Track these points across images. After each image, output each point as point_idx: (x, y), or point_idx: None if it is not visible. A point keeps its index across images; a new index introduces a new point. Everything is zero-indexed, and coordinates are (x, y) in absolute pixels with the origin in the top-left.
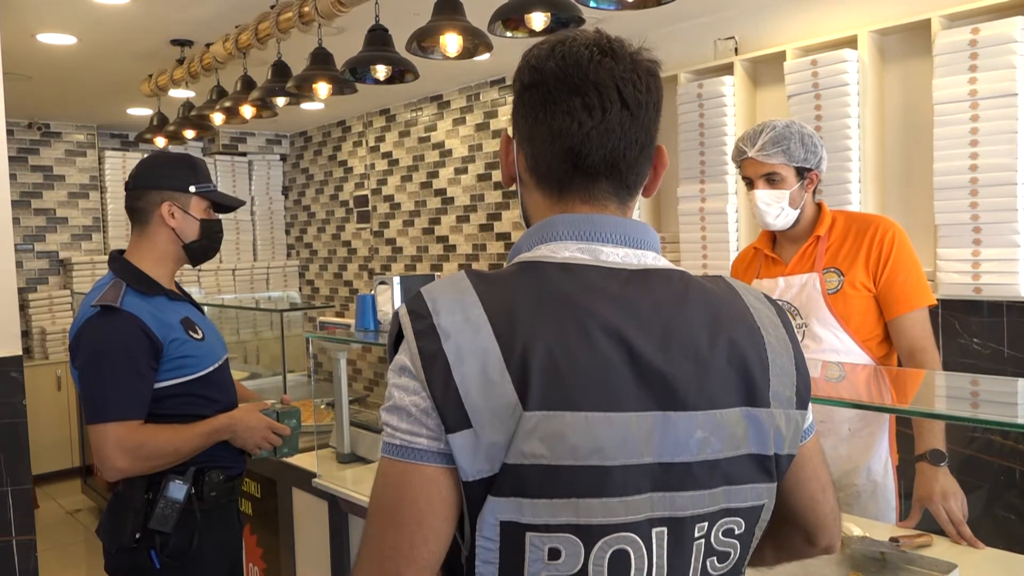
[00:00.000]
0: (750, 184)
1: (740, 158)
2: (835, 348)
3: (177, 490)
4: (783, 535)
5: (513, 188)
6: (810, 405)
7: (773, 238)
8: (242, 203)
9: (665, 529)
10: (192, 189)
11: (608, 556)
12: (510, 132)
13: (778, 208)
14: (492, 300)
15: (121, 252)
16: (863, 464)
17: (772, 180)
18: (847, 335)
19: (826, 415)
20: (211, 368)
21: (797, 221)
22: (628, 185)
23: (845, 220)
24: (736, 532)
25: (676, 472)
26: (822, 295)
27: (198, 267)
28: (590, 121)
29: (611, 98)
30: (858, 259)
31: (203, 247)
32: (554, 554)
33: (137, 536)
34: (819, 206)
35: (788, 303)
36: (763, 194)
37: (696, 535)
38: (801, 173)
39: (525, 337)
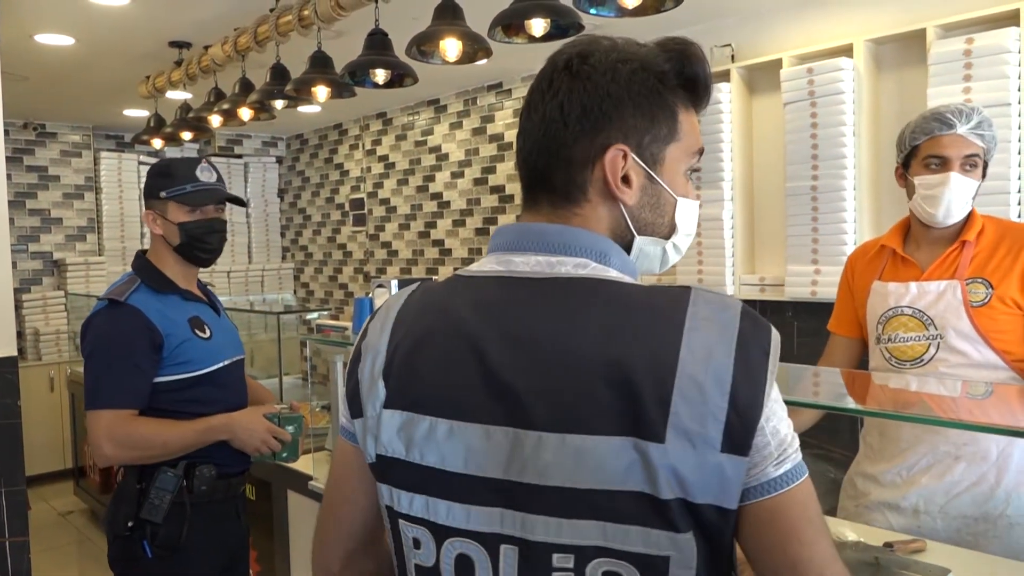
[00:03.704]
0: (940, 165)
1: (942, 131)
2: (976, 362)
3: (167, 482)
4: None
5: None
6: (766, 455)
7: (905, 236)
8: (225, 196)
9: (516, 549)
10: (163, 195)
11: (454, 557)
12: None
13: (967, 199)
14: (407, 307)
15: (145, 252)
16: (1017, 491)
17: (973, 167)
18: (991, 351)
19: (969, 437)
20: (213, 367)
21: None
22: (559, 192)
23: (996, 227)
24: None
25: (524, 493)
26: (964, 306)
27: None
28: (517, 134)
29: (526, 108)
30: (1013, 272)
31: (189, 249)
32: (416, 543)
33: (130, 525)
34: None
35: (920, 311)
36: (961, 179)
37: (556, 565)
38: (985, 167)
39: (398, 341)
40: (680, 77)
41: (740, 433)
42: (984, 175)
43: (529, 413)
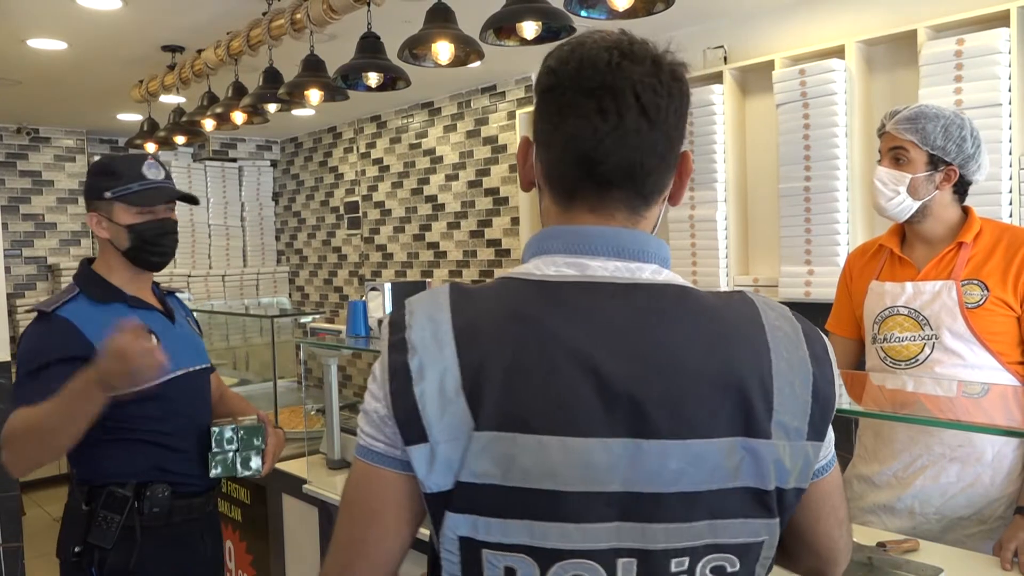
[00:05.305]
0: (879, 161)
1: (879, 132)
2: (972, 363)
3: (115, 503)
4: (802, 562)
5: (531, 193)
6: (830, 437)
7: (902, 236)
8: (175, 194)
9: (635, 561)
10: (108, 195)
11: None
12: (531, 136)
13: (893, 191)
14: (462, 316)
15: (92, 260)
16: (1009, 492)
17: (898, 160)
18: (986, 352)
19: (964, 438)
20: (158, 379)
21: (923, 217)
22: (644, 195)
23: (994, 230)
24: (729, 570)
25: (647, 502)
26: (959, 306)
27: (188, 272)
28: (604, 126)
29: (628, 103)
30: (1008, 275)
31: (139, 253)
32: (510, 572)
33: (77, 551)
34: (966, 211)
35: (916, 311)
36: (882, 171)
37: (674, 570)
38: (935, 163)
39: (483, 356)
40: None
41: (820, 422)
42: (940, 168)
43: (651, 423)
